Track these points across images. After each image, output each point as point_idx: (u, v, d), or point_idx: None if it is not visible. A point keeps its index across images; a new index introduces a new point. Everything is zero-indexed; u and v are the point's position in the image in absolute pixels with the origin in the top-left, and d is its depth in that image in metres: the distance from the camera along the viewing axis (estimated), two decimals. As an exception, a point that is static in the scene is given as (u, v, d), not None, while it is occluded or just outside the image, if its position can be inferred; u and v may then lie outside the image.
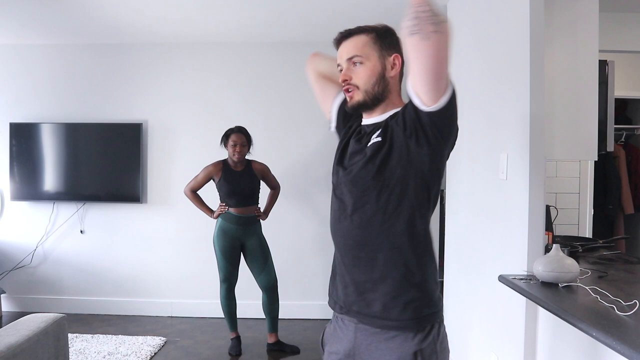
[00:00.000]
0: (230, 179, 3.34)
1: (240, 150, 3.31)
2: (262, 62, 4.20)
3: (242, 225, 3.33)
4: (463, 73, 2.93)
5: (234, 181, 3.33)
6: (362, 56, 1.33)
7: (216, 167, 3.38)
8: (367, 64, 1.33)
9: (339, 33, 1.37)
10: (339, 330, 1.41)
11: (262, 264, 3.37)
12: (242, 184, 3.35)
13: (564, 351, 1.77)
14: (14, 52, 4.25)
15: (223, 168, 3.37)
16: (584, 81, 2.13)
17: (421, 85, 1.20)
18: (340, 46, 1.37)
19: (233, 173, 3.36)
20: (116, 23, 3.68)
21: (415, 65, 1.18)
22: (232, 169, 3.37)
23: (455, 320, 3.00)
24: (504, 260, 2.26)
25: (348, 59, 1.35)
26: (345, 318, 1.39)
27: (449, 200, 3.19)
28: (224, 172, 3.35)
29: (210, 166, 3.38)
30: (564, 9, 2.13)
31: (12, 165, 4.17)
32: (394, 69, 1.35)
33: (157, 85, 4.22)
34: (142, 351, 3.35)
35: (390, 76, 1.35)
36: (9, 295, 4.30)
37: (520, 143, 2.09)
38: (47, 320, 2.00)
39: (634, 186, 4.20)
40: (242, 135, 3.34)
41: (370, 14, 3.45)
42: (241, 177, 3.36)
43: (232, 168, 3.37)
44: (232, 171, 3.36)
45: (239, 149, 3.31)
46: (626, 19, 3.10)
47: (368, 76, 1.33)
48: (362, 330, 1.33)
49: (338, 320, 1.42)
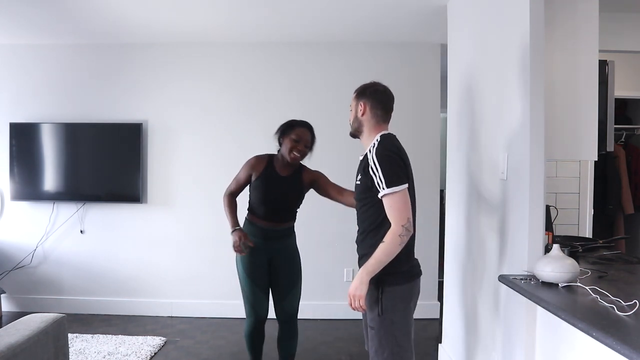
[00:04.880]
0: (271, 181, 2.58)
1: (302, 150, 2.58)
2: (262, 62, 4.20)
3: (272, 239, 2.61)
4: (463, 73, 2.93)
5: (274, 186, 2.58)
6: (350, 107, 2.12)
7: (260, 161, 2.63)
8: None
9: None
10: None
11: (289, 287, 2.65)
12: (283, 194, 2.59)
13: (563, 351, 1.77)
14: (15, 53, 4.25)
15: (267, 165, 2.62)
16: (584, 81, 2.13)
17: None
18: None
19: (276, 176, 2.60)
20: (116, 23, 3.68)
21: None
22: (276, 171, 2.61)
23: (456, 320, 3.00)
24: (504, 260, 2.26)
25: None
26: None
27: (449, 200, 3.19)
28: (267, 170, 2.60)
29: (253, 159, 2.64)
30: (564, 9, 2.13)
31: (12, 165, 4.17)
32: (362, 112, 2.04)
33: (157, 85, 4.22)
34: (142, 351, 3.35)
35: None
36: (9, 295, 4.30)
37: (520, 143, 2.09)
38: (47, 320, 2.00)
39: (634, 186, 4.20)
40: (309, 133, 2.62)
41: (370, 14, 3.46)
42: (285, 184, 2.60)
43: (277, 170, 2.61)
44: (276, 174, 2.60)
45: (301, 148, 2.56)
46: (626, 19, 3.10)
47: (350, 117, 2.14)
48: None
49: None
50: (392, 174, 1.84)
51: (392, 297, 1.90)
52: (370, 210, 1.93)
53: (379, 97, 2.02)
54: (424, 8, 3.28)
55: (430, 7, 3.25)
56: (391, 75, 4.19)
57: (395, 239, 1.82)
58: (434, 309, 4.17)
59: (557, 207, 2.69)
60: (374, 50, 4.18)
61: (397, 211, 1.83)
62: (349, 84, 4.15)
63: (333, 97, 4.18)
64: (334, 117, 4.14)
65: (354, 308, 1.88)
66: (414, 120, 4.18)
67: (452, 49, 3.15)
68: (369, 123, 2.01)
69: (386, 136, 1.98)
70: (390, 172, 1.84)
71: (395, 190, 1.83)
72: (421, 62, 4.19)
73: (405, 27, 3.75)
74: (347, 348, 3.56)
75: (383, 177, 1.84)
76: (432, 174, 4.20)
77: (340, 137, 4.06)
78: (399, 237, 1.82)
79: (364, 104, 2.01)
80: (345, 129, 4.41)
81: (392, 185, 1.83)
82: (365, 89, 2.05)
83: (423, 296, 4.21)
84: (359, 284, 1.84)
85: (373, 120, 2.00)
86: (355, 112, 2.04)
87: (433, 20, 3.48)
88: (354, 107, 2.05)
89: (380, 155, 1.88)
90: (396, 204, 1.83)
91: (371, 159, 1.89)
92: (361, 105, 2.01)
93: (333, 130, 4.00)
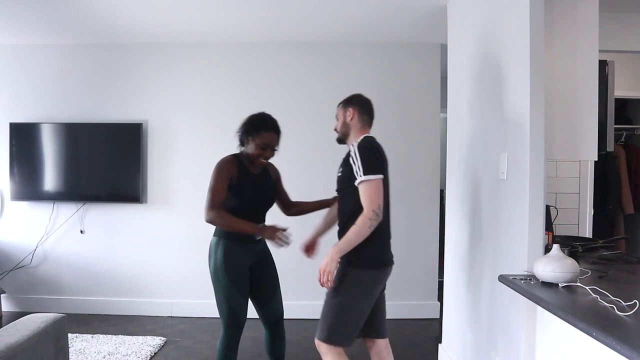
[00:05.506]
0: (249, 182, 2.43)
1: (270, 156, 2.46)
2: (263, 63, 4.20)
3: (252, 242, 2.46)
4: (463, 73, 2.93)
5: (254, 186, 2.45)
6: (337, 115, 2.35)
7: (232, 164, 2.42)
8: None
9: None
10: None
11: (272, 291, 2.56)
12: (263, 191, 2.49)
13: (563, 351, 1.77)
14: (14, 53, 4.25)
15: (239, 167, 2.43)
16: (584, 81, 2.13)
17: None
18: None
19: (251, 175, 2.46)
20: (116, 23, 3.68)
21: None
22: (248, 170, 2.46)
23: (456, 320, 3.00)
24: (504, 260, 2.26)
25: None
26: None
27: (449, 200, 3.19)
28: (241, 172, 2.42)
29: (225, 165, 2.40)
30: (564, 9, 2.13)
31: (12, 165, 4.18)
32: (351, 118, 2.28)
33: (157, 86, 4.23)
34: (142, 351, 3.35)
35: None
36: (9, 295, 4.30)
37: (520, 143, 2.09)
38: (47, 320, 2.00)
39: (634, 186, 4.20)
40: (276, 137, 2.45)
41: (369, 14, 3.46)
42: (260, 181, 2.49)
43: (248, 168, 2.46)
44: (250, 173, 2.46)
45: (269, 155, 2.44)
46: (626, 19, 3.10)
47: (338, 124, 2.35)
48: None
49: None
50: (369, 164, 2.07)
51: (352, 279, 2.14)
52: (350, 200, 2.14)
53: (365, 105, 2.29)
54: (424, 8, 3.28)
55: (430, 7, 3.25)
56: (391, 75, 4.21)
57: (366, 221, 2.03)
58: (434, 309, 4.17)
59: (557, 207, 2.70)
60: (374, 50, 4.18)
61: (369, 197, 2.05)
62: (349, 84, 4.21)
63: (333, 97, 4.16)
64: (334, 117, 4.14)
65: (322, 283, 2.11)
66: (414, 120, 4.18)
67: (452, 49, 3.15)
68: (355, 127, 2.26)
69: (369, 136, 2.23)
70: (368, 162, 2.08)
71: (371, 178, 2.06)
72: (421, 62, 4.19)
73: (405, 27, 3.76)
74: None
75: (361, 165, 2.07)
76: (432, 174, 4.20)
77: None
78: (369, 220, 2.03)
79: (353, 111, 2.25)
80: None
81: (368, 174, 2.06)
82: (352, 99, 2.31)
83: (423, 296, 4.27)
84: (329, 261, 2.07)
85: (360, 124, 2.26)
86: (343, 118, 2.28)
87: (433, 20, 3.48)
88: (342, 114, 2.29)
89: (361, 148, 2.12)
90: (370, 191, 2.05)
91: (353, 151, 2.12)
92: (350, 112, 2.26)
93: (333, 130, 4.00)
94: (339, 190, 2.25)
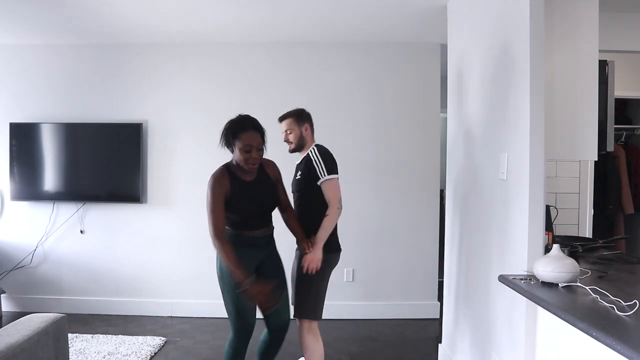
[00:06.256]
0: (243, 194, 2.34)
1: (257, 157, 2.32)
2: (262, 62, 4.20)
3: (258, 246, 2.44)
4: (463, 73, 2.93)
5: (247, 198, 2.35)
6: (289, 129, 2.67)
7: (223, 178, 2.33)
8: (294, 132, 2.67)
9: (279, 118, 2.72)
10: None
11: (281, 290, 2.47)
12: (263, 199, 2.42)
13: (563, 351, 1.77)
14: (15, 53, 4.25)
15: (231, 179, 2.34)
16: (584, 81, 2.13)
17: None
18: (281, 123, 2.70)
19: (244, 185, 2.36)
20: (116, 23, 3.68)
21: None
22: (241, 179, 2.36)
23: (455, 320, 3.00)
24: (504, 260, 2.26)
25: (284, 130, 2.68)
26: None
27: (449, 199, 3.19)
28: (233, 184, 2.33)
29: (217, 180, 2.32)
30: (564, 9, 2.13)
31: (12, 165, 4.18)
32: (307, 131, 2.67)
33: (157, 85, 4.23)
34: (142, 351, 3.35)
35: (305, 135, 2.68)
36: (9, 295, 4.30)
37: (520, 143, 2.09)
38: (47, 320, 2.00)
39: (634, 186, 4.20)
40: (258, 135, 2.32)
41: (370, 14, 3.46)
42: (258, 190, 2.40)
43: (241, 177, 2.37)
44: (243, 182, 2.36)
45: (255, 155, 2.31)
46: (626, 19, 3.10)
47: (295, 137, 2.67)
48: None
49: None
50: (331, 165, 2.55)
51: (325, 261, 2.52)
52: (313, 198, 2.55)
53: (311, 118, 2.70)
54: (424, 8, 3.28)
55: (430, 7, 3.25)
56: (391, 75, 4.21)
57: (335, 212, 2.51)
58: (434, 309, 4.17)
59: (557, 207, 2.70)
60: (374, 50, 4.19)
61: (334, 192, 2.53)
62: (349, 84, 4.21)
63: (333, 97, 4.19)
64: (334, 117, 4.14)
65: (310, 269, 2.47)
66: (414, 120, 4.18)
67: (452, 49, 3.15)
68: (309, 138, 2.69)
69: (320, 144, 2.67)
70: (330, 164, 2.55)
71: (333, 177, 2.54)
72: (421, 62, 4.19)
73: (405, 27, 3.76)
74: (347, 348, 3.56)
75: (325, 167, 2.52)
76: (432, 174, 4.20)
77: (340, 137, 4.07)
78: (338, 210, 2.52)
79: (307, 125, 2.67)
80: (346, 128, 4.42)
81: (331, 173, 2.53)
82: (302, 114, 2.68)
83: (423, 296, 4.27)
84: (317, 251, 2.48)
85: (311, 135, 2.71)
86: (300, 132, 2.65)
87: (433, 20, 3.48)
88: (297, 128, 2.64)
89: (321, 153, 2.58)
90: (334, 187, 2.53)
91: (314, 155, 2.57)
92: (305, 127, 2.66)
93: (333, 130, 4.01)
94: (297, 190, 2.61)
